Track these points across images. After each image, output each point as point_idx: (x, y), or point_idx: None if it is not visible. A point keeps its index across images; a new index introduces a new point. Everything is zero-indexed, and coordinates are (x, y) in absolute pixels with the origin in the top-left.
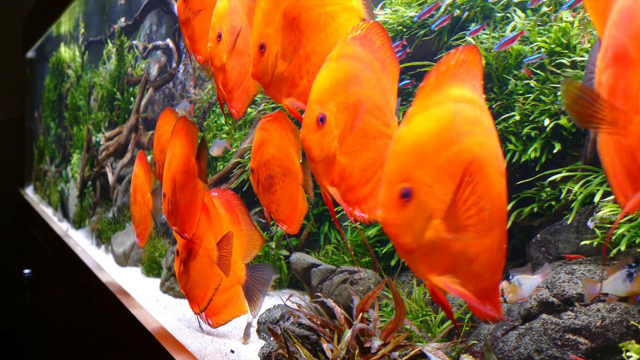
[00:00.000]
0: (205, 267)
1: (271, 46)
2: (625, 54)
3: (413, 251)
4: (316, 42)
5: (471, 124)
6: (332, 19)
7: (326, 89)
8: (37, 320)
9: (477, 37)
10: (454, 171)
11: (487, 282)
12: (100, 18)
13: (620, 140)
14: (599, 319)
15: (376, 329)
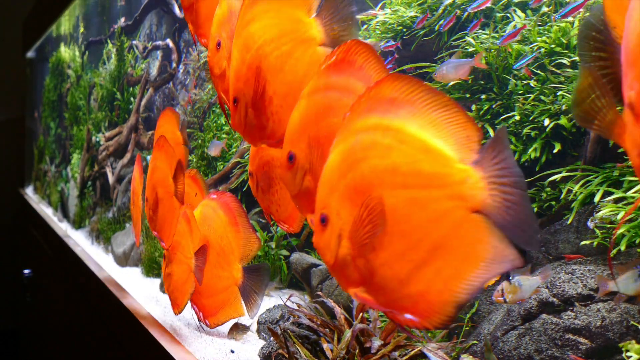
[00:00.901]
0: (184, 273)
1: (241, 99)
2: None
3: (333, 267)
4: (276, 84)
5: (366, 149)
6: (288, 57)
7: (296, 127)
8: (37, 320)
9: (477, 37)
10: (351, 196)
11: (396, 293)
12: (100, 18)
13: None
14: (599, 319)
15: (376, 329)
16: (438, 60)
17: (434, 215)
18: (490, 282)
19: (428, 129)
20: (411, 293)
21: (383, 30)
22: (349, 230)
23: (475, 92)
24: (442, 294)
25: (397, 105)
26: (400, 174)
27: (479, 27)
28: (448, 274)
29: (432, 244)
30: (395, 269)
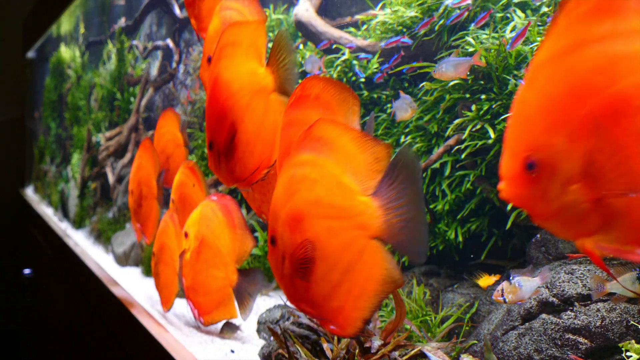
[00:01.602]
0: (171, 275)
1: (215, 145)
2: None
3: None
4: (240, 133)
5: (299, 182)
6: (247, 108)
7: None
8: (37, 320)
9: (477, 37)
10: (290, 223)
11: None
12: (100, 18)
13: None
14: (598, 318)
15: (376, 328)
16: (438, 60)
17: (344, 242)
18: (489, 282)
19: (343, 163)
20: (333, 308)
21: (383, 30)
22: (289, 254)
23: (475, 92)
24: (353, 310)
25: (322, 144)
26: (322, 205)
27: (479, 27)
28: (355, 294)
29: (344, 268)
30: (321, 287)
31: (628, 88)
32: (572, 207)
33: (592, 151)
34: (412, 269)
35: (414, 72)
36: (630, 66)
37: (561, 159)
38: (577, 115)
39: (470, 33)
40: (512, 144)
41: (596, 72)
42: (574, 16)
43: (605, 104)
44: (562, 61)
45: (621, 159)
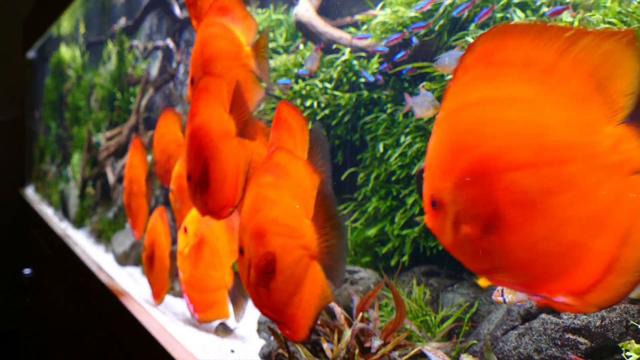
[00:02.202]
0: (162, 270)
1: (192, 178)
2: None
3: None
4: (212, 170)
5: (262, 202)
6: (217, 149)
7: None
8: (37, 320)
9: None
10: (254, 237)
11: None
12: (100, 18)
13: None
14: (598, 318)
15: (376, 328)
16: (434, 65)
17: (295, 259)
18: (489, 282)
19: (294, 188)
20: (288, 314)
21: (383, 30)
22: (254, 264)
23: None
24: (302, 318)
25: (280, 168)
26: (279, 224)
27: (480, 27)
28: (304, 305)
29: (296, 281)
30: (279, 296)
31: (492, 149)
32: (465, 244)
33: (471, 198)
34: (412, 268)
35: (414, 72)
36: (495, 130)
37: (451, 202)
38: (458, 167)
39: (470, 33)
40: (425, 182)
41: (470, 132)
42: (461, 81)
43: (474, 161)
44: (450, 119)
45: (485, 211)
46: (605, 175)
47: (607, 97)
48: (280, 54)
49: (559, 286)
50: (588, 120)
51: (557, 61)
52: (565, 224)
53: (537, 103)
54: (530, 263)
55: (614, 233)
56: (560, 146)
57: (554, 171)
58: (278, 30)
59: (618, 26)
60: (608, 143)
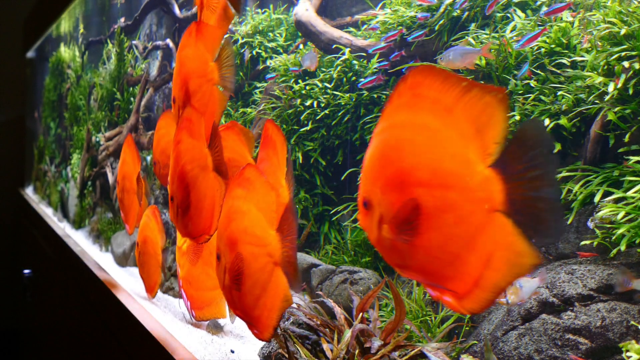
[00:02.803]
0: (154, 266)
1: (175, 199)
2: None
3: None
4: (192, 196)
5: (234, 213)
6: (196, 179)
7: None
8: (37, 320)
9: (477, 37)
10: (228, 245)
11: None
12: (100, 18)
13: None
14: (599, 319)
15: (376, 329)
16: (438, 60)
17: (262, 265)
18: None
19: (260, 201)
20: (256, 315)
21: (383, 30)
22: (228, 269)
23: None
24: (267, 319)
25: (249, 183)
26: (248, 234)
27: (479, 27)
28: (269, 307)
29: (262, 285)
30: (248, 298)
31: (406, 166)
32: (384, 241)
33: (390, 203)
34: None
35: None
36: (410, 150)
37: (377, 204)
38: (384, 176)
39: (471, 33)
40: (360, 185)
41: (394, 148)
42: (394, 104)
43: (395, 173)
44: (382, 135)
45: (399, 216)
46: (476, 207)
47: (483, 141)
48: (281, 54)
49: (450, 287)
50: (468, 157)
51: (454, 104)
52: (451, 239)
53: (439, 134)
54: (428, 265)
55: (481, 255)
56: (448, 174)
57: (443, 193)
58: (278, 30)
59: (619, 26)
60: (478, 180)
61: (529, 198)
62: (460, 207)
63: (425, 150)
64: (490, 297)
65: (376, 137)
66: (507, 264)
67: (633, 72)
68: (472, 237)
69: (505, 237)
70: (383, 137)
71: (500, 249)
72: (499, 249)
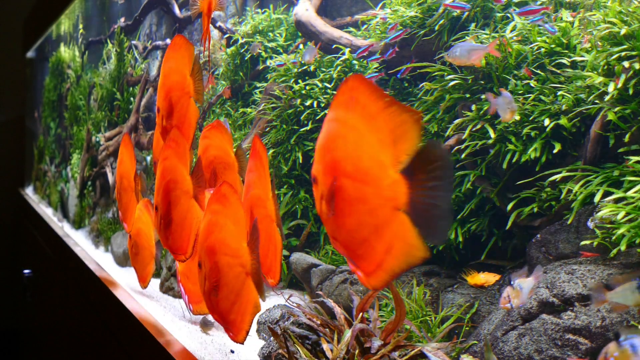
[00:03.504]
0: (147, 257)
1: (159, 210)
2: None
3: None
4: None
5: (213, 226)
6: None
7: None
8: (37, 320)
9: (477, 37)
10: (207, 254)
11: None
12: (100, 18)
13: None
14: (599, 319)
15: (376, 329)
16: (438, 60)
17: (235, 274)
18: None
19: (233, 216)
20: (231, 320)
21: (383, 30)
22: (207, 277)
23: (475, 92)
24: (241, 323)
25: (225, 199)
26: (225, 245)
27: (479, 27)
28: (242, 312)
29: (236, 292)
30: (224, 304)
31: (338, 156)
32: (322, 214)
33: (327, 184)
34: (412, 269)
35: (413, 72)
36: (342, 143)
37: (320, 182)
38: (324, 160)
39: (471, 33)
40: (313, 163)
41: (332, 138)
42: (339, 100)
43: (331, 160)
44: (328, 124)
45: (330, 196)
46: (384, 203)
47: (396, 150)
48: (280, 54)
49: (359, 265)
50: (383, 161)
51: (378, 113)
52: (364, 225)
53: (364, 136)
54: (347, 243)
55: (384, 244)
56: (366, 171)
57: (361, 186)
58: (278, 30)
59: (619, 26)
60: (389, 182)
61: (426, 204)
62: (372, 201)
63: (352, 147)
64: (388, 278)
65: (325, 124)
66: (403, 254)
67: (633, 72)
68: (379, 227)
69: (404, 232)
70: (328, 127)
71: (399, 241)
72: (398, 241)
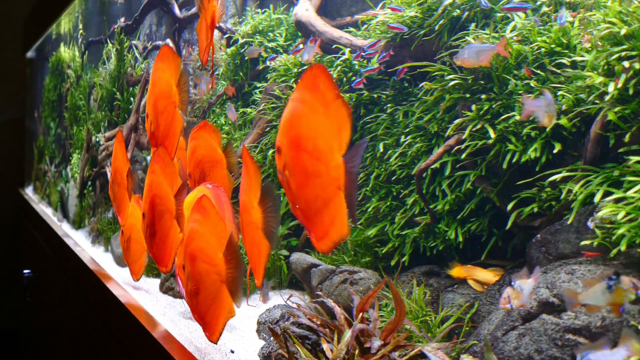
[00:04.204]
0: (139, 250)
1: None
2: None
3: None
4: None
5: (194, 233)
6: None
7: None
8: (37, 320)
9: (477, 37)
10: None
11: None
12: (100, 18)
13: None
14: (599, 319)
15: (376, 329)
16: (438, 60)
17: (212, 281)
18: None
19: (212, 227)
20: (207, 321)
21: (383, 30)
22: (189, 279)
23: (475, 92)
24: (216, 324)
25: (205, 210)
26: (203, 252)
27: (479, 28)
28: (217, 316)
29: (212, 297)
30: (202, 306)
31: (300, 133)
32: (284, 182)
33: (288, 155)
34: (412, 268)
35: (413, 72)
36: (303, 122)
37: (283, 153)
38: (288, 134)
39: (471, 33)
40: (278, 134)
41: (295, 116)
42: (303, 82)
43: (293, 135)
44: (292, 102)
45: (286, 167)
46: (331, 181)
47: (340, 138)
48: (280, 54)
49: (313, 231)
50: (332, 145)
51: (330, 103)
52: (317, 197)
53: (322, 120)
54: (304, 211)
55: (330, 216)
56: (321, 150)
57: (317, 163)
58: (278, 30)
59: (619, 26)
60: (335, 164)
61: (351, 188)
62: (323, 177)
63: (314, 127)
64: (332, 245)
65: (290, 102)
66: (340, 227)
67: (633, 72)
68: (327, 201)
69: (342, 209)
70: (294, 105)
71: (338, 216)
72: (338, 215)
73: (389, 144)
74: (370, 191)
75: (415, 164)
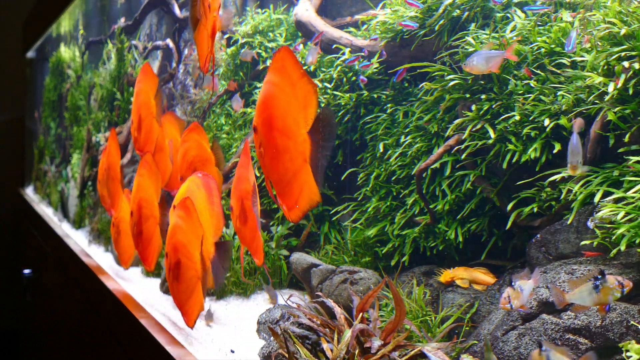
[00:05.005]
0: (128, 241)
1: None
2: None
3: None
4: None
5: (178, 228)
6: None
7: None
8: (37, 320)
9: (477, 37)
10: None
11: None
12: (100, 18)
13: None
14: (598, 319)
15: (376, 329)
16: (438, 60)
17: (190, 276)
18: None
19: (193, 228)
20: (185, 310)
21: (383, 30)
22: (171, 269)
23: (475, 92)
24: (192, 314)
25: (187, 208)
26: (185, 247)
27: (479, 28)
28: (192, 306)
29: (191, 288)
30: (182, 294)
31: (272, 112)
32: (260, 158)
33: (262, 133)
34: (412, 268)
35: (413, 72)
36: (275, 103)
37: (259, 132)
38: (262, 114)
39: (471, 33)
40: (254, 115)
41: (267, 98)
42: (274, 66)
43: (267, 115)
44: (265, 85)
45: (261, 145)
46: (298, 155)
47: (305, 115)
48: None
49: (284, 201)
50: (299, 122)
51: (296, 82)
52: (287, 170)
53: (289, 99)
54: (276, 183)
55: (299, 187)
56: (289, 128)
57: (286, 140)
58: (278, 30)
59: (619, 26)
60: (301, 139)
61: (318, 156)
62: (292, 152)
63: (282, 107)
64: (301, 214)
65: (264, 85)
66: (309, 196)
67: (633, 72)
68: (296, 173)
69: (309, 179)
70: (266, 88)
71: (306, 186)
72: (306, 185)
73: (389, 144)
74: (370, 191)
75: (415, 164)
